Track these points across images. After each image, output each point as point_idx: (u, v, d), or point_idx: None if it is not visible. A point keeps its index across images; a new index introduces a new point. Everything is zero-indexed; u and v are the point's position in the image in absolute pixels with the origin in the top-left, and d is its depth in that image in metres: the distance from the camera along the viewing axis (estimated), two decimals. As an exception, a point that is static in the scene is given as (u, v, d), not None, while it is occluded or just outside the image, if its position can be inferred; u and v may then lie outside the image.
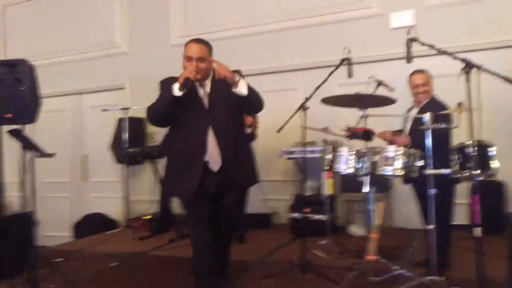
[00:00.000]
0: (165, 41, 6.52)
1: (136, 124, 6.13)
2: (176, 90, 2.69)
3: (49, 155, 3.54)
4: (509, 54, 4.54)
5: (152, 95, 6.86)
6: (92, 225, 5.83)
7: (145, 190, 6.39)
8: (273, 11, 5.88)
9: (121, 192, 6.40)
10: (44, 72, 7.24)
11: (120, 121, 6.16)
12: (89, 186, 7.06)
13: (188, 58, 2.80)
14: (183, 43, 6.89)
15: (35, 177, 3.56)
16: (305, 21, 5.69)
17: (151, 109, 2.88)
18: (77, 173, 7.15)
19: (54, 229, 6.43)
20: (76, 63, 7.10)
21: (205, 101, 2.85)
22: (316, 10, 5.65)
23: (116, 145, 6.03)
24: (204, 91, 2.86)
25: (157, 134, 6.45)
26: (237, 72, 2.89)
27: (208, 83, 2.87)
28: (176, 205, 5.78)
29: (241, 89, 2.75)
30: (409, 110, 3.67)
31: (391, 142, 3.46)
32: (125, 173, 5.82)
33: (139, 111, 5.98)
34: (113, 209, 6.44)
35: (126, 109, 5.53)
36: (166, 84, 2.85)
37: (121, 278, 3.66)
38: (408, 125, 3.54)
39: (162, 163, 5.60)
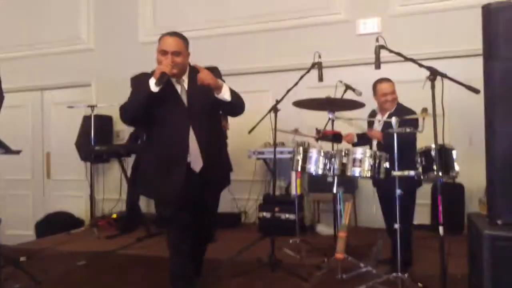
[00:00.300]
0: (133, 38, 6.44)
1: (102, 122, 6.02)
2: (153, 86, 2.57)
3: (16, 152, 3.45)
4: (470, 62, 4.77)
5: (119, 92, 6.76)
6: (55, 224, 5.70)
7: (111, 188, 6.29)
8: (243, 13, 5.93)
9: (85, 191, 6.27)
10: (4, 66, 7.02)
11: (86, 118, 6.04)
12: (52, 184, 6.88)
13: (162, 52, 2.68)
14: (151, 41, 6.84)
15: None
16: (275, 24, 5.78)
17: (124, 108, 2.72)
18: (39, 170, 6.96)
19: (15, 228, 6.23)
20: (39, 58, 6.89)
21: (184, 98, 2.75)
22: (285, 14, 5.74)
23: (82, 143, 5.90)
24: (182, 87, 2.76)
25: (124, 132, 6.38)
26: (215, 69, 2.82)
27: (185, 80, 2.77)
28: (143, 204, 5.77)
29: (224, 94, 2.68)
30: (371, 114, 3.79)
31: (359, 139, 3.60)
32: (90, 171, 5.71)
33: (106, 109, 5.91)
34: (77, 208, 6.31)
35: (93, 106, 5.43)
36: (139, 80, 2.72)
37: (89, 277, 3.60)
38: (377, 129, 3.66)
39: (129, 161, 5.56)
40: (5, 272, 3.39)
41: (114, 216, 5.65)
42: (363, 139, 3.78)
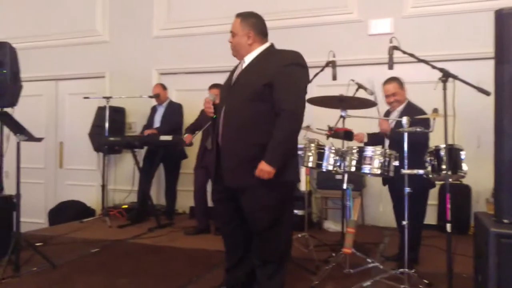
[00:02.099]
0: (147, 32, 6.54)
1: (115, 114, 6.14)
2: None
3: (38, 139, 3.56)
4: (480, 65, 4.82)
5: (132, 85, 6.94)
6: (68, 212, 5.82)
7: (122, 179, 6.41)
8: (257, 9, 5.87)
9: (97, 181, 6.39)
10: (20, 56, 7.14)
11: (100, 109, 6.16)
12: (64, 173, 7.02)
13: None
14: (165, 35, 6.98)
15: (20, 161, 3.56)
16: (288, 22, 5.83)
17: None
18: (52, 159, 7.09)
19: (28, 215, 6.32)
20: (55, 48, 7.02)
21: (235, 77, 2.58)
22: (299, 12, 5.80)
23: (95, 133, 6.02)
24: (240, 67, 2.60)
25: (136, 124, 6.49)
26: None
27: (246, 61, 2.57)
28: (154, 196, 5.88)
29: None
30: (385, 114, 3.87)
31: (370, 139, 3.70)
32: (102, 161, 5.83)
33: (119, 100, 6.02)
34: (89, 197, 6.43)
35: (108, 98, 5.54)
36: None
37: (102, 263, 3.72)
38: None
39: (141, 153, 5.66)
40: (23, 256, 3.50)
41: (125, 206, 5.77)
42: (374, 139, 3.86)
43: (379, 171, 3.15)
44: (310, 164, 3.46)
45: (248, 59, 2.56)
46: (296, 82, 2.44)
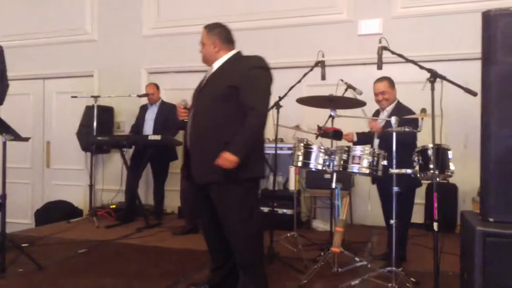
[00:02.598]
0: (136, 31, 6.51)
1: (104, 113, 6.10)
2: None
3: (25, 139, 3.52)
4: (467, 66, 4.88)
5: (120, 84, 6.90)
6: (55, 212, 5.75)
7: (110, 179, 6.36)
8: (247, 10, 6.00)
9: (84, 180, 6.35)
10: (7, 54, 7.02)
11: (88, 108, 6.11)
12: (51, 173, 6.95)
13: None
14: (155, 34, 6.94)
15: (6, 162, 3.51)
16: (278, 21, 5.85)
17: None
18: (39, 159, 7.02)
19: (14, 216, 6.27)
20: (42, 47, 6.95)
21: (203, 82, 2.79)
22: (288, 12, 5.81)
23: (83, 133, 5.97)
24: (210, 73, 2.78)
25: (124, 123, 6.46)
26: None
27: (215, 67, 2.76)
28: (142, 195, 5.84)
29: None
30: (375, 114, 3.90)
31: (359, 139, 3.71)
32: (90, 161, 5.78)
33: (107, 100, 5.98)
34: (76, 197, 6.37)
35: (97, 97, 5.49)
36: None
37: (90, 264, 3.68)
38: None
39: (129, 152, 5.63)
40: (9, 257, 3.45)
41: (113, 206, 5.73)
42: (363, 139, 3.88)
43: (367, 171, 3.16)
44: (299, 164, 3.46)
45: (216, 65, 2.75)
46: (261, 84, 2.62)
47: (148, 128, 5.47)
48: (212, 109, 2.62)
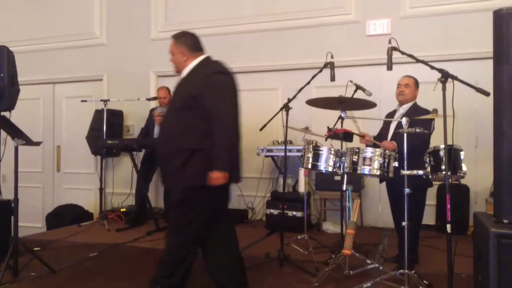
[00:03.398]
0: (145, 34, 6.53)
1: (113, 116, 6.14)
2: None
3: (36, 143, 3.54)
4: (477, 65, 4.84)
5: (130, 87, 6.94)
6: (65, 216, 5.78)
7: (120, 182, 6.38)
8: (255, 11, 6.01)
9: (94, 184, 6.38)
10: (17, 59, 7.08)
11: (98, 112, 6.14)
12: (62, 177, 7.00)
13: None
14: (163, 37, 6.98)
15: (18, 166, 3.54)
16: (286, 23, 5.84)
17: None
18: (49, 163, 7.07)
19: (26, 220, 6.33)
20: (52, 51, 7.01)
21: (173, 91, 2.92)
22: (296, 14, 5.81)
23: (93, 137, 6.01)
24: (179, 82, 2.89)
25: (133, 127, 6.48)
26: None
27: (184, 75, 2.81)
28: (152, 199, 5.86)
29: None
30: (389, 114, 3.86)
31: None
32: (100, 165, 5.81)
33: (117, 103, 6.01)
34: (87, 201, 6.41)
35: (106, 101, 5.53)
36: None
37: (100, 268, 3.69)
38: (391, 129, 3.72)
39: (139, 156, 5.65)
40: (21, 261, 3.48)
41: (123, 209, 5.75)
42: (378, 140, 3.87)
43: (378, 172, 3.14)
44: (309, 166, 3.45)
45: (184, 73, 2.81)
46: (221, 89, 2.65)
47: (158, 131, 5.49)
48: (174, 118, 2.74)
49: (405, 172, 2.97)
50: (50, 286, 3.21)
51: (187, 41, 2.81)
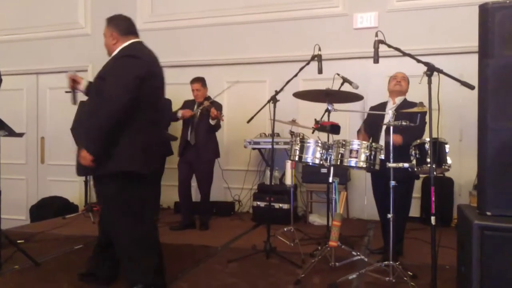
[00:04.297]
0: (131, 25, 6.43)
1: (98, 108, 6.05)
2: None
3: (19, 135, 3.48)
4: (462, 59, 4.88)
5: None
6: (50, 208, 5.71)
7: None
8: (243, 3, 5.96)
9: (79, 176, 6.30)
10: (0, 49, 6.95)
11: (82, 104, 6.04)
12: (46, 168, 6.90)
13: None
14: (149, 28, 6.88)
15: (0, 157, 3.48)
16: (273, 15, 5.82)
17: None
18: (33, 155, 6.96)
19: (9, 212, 6.21)
20: (35, 41, 6.87)
21: None
22: (284, 6, 5.78)
23: (78, 128, 5.92)
24: None
25: (119, 119, 6.41)
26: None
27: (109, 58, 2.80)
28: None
29: None
30: (377, 106, 3.86)
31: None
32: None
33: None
34: (71, 193, 6.33)
35: (91, 92, 5.44)
36: None
37: (85, 260, 3.64)
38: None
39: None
40: (4, 254, 3.43)
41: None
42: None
43: (365, 165, 3.16)
44: (296, 158, 3.45)
45: (111, 57, 2.74)
46: (123, 71, 2.54)
47: None
48: (89, 103, 2.74)
49: (391, 164, 3.00)
50: (34, 279, 3.17)
51: (119, 24, 2.77)
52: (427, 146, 2.97)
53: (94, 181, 2.81)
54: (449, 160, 3.06)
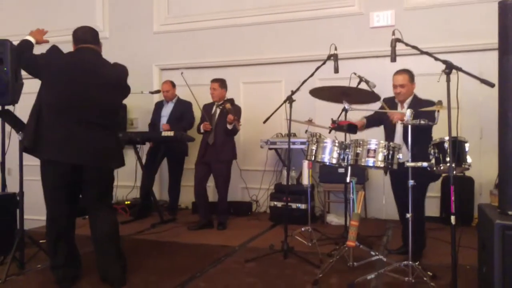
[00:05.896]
0: (147, 27, 6.52)
1: (117, 110, 6.13)
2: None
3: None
4: (482, 57, 4.81)
5: (133, 81, 6.86)
6: (71, 209, 5.80)
7: (125, 175, 6.37)
8: (257, 4, 5.97)
9: (99, 177, 6.39)
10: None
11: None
12: (67, 170, 6.99)
13: None
14: (165, 30, 6.96)
15: (22, 159, 3.56)
16: (289, 15, 5.81)
17: None
18: (54, 157, 7.07)
19: (31, 212, 6.34)
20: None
21: None
22: (299, 6, 5.76)
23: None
24: None
25: (137, 120, 6.49)
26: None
27: None
28: (157, 191, 5.88)
29: None
30: (389, 100, 3.83)
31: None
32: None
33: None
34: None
35: (110, 94, 5.52)
36: None
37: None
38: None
39: (144, 149, 5.67)
40: (27, 253, 3.51)
41: (128, 202, 5.77)
42: (372, 121, 3.95)
43: (383, 164, 3.14)
44: (313, 158, 3.45)
45: None
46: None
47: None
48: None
49: (410, 164, 2.97)
50: (56, 278, 3.23)
51: (75, 33, 3.34)
52: (446, 145, 2.94)
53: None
54: (469, 159, 3.02)
